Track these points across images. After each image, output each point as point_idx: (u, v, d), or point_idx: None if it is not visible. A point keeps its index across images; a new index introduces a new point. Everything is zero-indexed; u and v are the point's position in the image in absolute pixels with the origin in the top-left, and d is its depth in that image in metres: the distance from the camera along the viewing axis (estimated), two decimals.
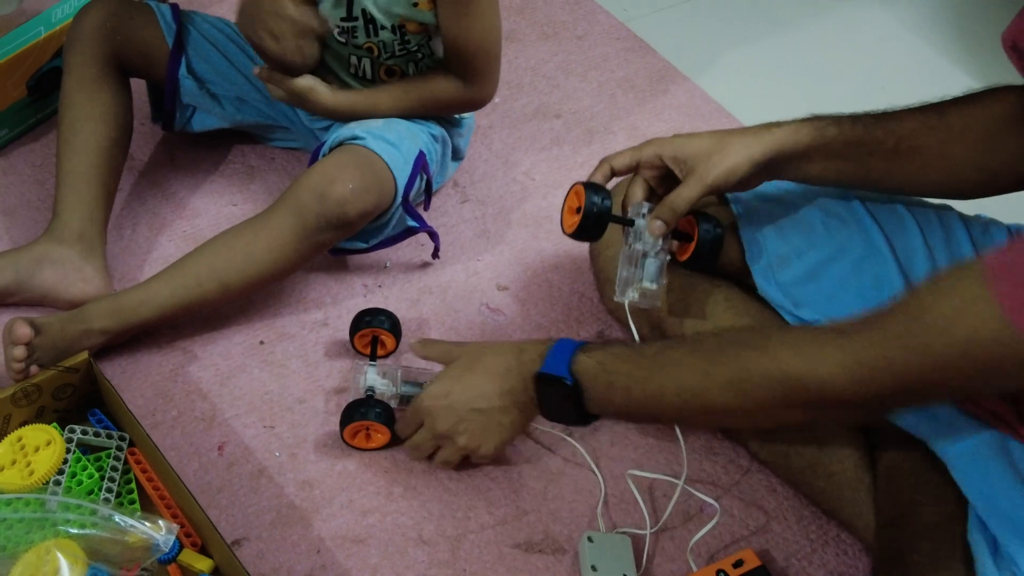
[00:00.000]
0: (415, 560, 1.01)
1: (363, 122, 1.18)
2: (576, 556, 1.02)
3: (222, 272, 1.11)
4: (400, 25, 1.14)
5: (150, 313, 1.11)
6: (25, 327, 1.02)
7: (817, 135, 0.89)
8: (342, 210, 1.09)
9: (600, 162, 1.01)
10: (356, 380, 1.08)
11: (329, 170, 1.10)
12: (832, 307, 0.96)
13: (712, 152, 0.92)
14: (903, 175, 0.88)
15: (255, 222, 1.13)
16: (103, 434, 1.03)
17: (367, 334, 1.15)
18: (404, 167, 1.16)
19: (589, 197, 0.97)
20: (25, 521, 0.92)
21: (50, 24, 1.34)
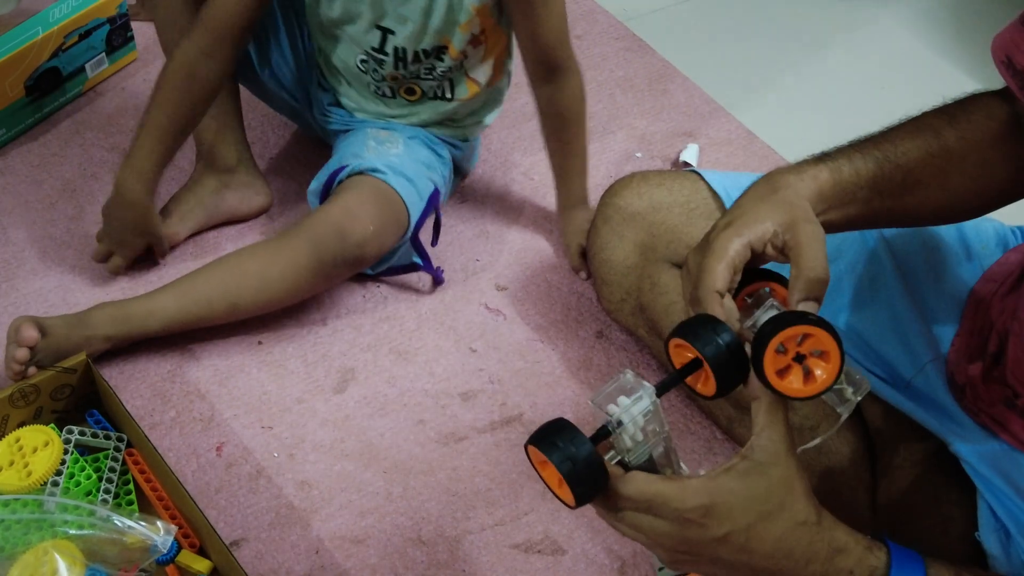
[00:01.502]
0: (414, 561, 1.01)
1: (383, 150, 1.19)
2: (576, 557, 1.02)
3: (233, 294, 1.12)
4: (441, 46, 1.14)
5: (156, 325, 1.12)
6: (33, 330, 1.02)
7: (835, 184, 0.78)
8: (361, 251, 1.12)
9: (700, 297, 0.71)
10: (608, 397, 0.66)
11: (351, 208, 1.11)
12: (828, 308, 0.96)
13: (790, 236, 0.75)
14: (905, 211, 0.83)
15: (271, 247, 1.13)
16: (101, 435, 1.03)
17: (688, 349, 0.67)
18: (419, 204, 1.18)
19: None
20: (23, 522, 0.92)
21: (48, 24, 1.34)
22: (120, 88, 1.47)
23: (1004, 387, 0.84)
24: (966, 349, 0.89)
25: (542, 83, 1.19)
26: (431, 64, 1.16)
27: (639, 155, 1.45)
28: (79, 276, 1.23)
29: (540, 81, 1.19)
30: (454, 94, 1.21)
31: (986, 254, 0.96)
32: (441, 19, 1.11)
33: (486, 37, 1.16)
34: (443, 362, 1.18)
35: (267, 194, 1.30)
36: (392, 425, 1.12)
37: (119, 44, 1.46)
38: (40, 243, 1.26)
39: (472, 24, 1.12)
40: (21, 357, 1.02)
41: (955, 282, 0.95)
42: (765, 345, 0.63)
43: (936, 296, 0.95)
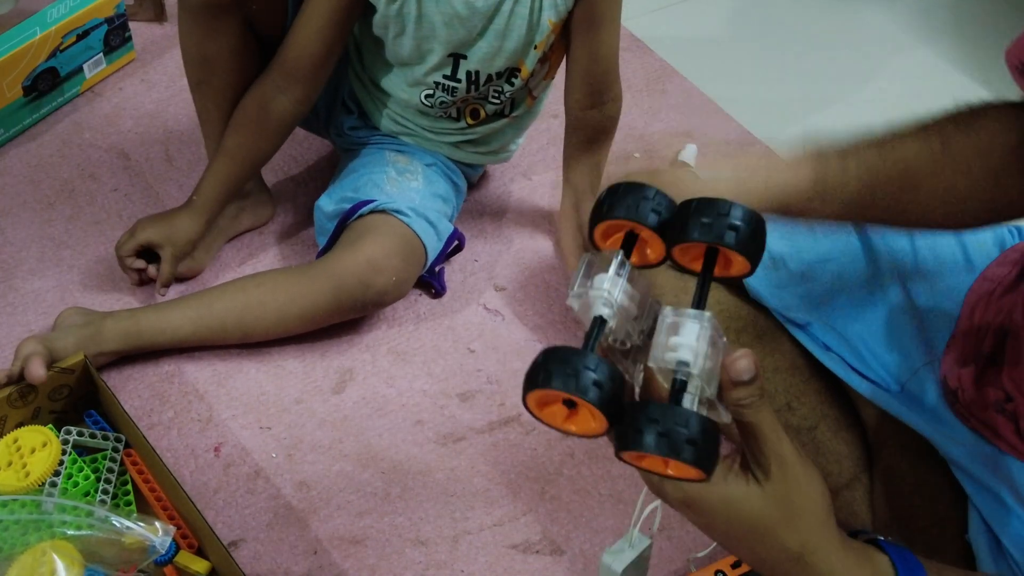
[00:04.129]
0: (412, 561, 1.01)
1: (404, 183, 1.19)
2: (574, 557, 1.02)
3: (249, 325, 1.14)
4: (514, 68, 1.13)
5: (166, 341, 1.13)
6: (41, 368, 0.99)
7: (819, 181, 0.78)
8: (381, 299, 1.14)
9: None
10: (581, 286, 0.56)
11: (377, 260, 1.11)
12: (824, 310, 0.96)
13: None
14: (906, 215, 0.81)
15: (292, 285, 1.13)
16: (99, 435, 1.03)
17: (620, 226, 0.59)
18: (437, 246, 1.19)
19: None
20: (21, 523, 0.92)
21: (45, 24, 1.34)
22: (118, 88, 1.46)
23: (997, 390, 0.84)
24: (960, 352, 0.89)
25: (588, 107, 1.18)
26: (500, 86, 1.15)
27: (637, 155, 1.45)
28: (77, 276, 1.23)
29: (587, 105, 1.18)
30: (512, 110, 1.21)
31: (983, 253, 0.96)
32: (519, 39, 1.10)
33: (552, 53, 1.16)
34: (441, 362, 1.18)
35: (272, 206, 1.31)
36: (390, 425, 1.12)
37: (117, 44, 1.46)
38: (38, 243, 1.26)
39: (547, 41, 1.11)
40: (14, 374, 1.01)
41: (951, 284, 0.95)
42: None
43: (931, 298, 0.95)
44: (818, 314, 0.96)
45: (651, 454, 0.51)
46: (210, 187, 1.16)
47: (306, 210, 1.32)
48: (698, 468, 0.51)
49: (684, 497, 0.57)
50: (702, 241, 0.55)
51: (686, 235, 0.56)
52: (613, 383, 0.51)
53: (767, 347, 0.99)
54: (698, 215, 0.56)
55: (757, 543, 0.58)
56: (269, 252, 1.28)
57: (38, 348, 1.02)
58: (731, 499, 0.56)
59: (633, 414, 0.52)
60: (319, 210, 1.20)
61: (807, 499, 0.57)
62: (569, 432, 0.54)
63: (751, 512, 0.57)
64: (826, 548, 0.59)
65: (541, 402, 0.53)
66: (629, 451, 0.52)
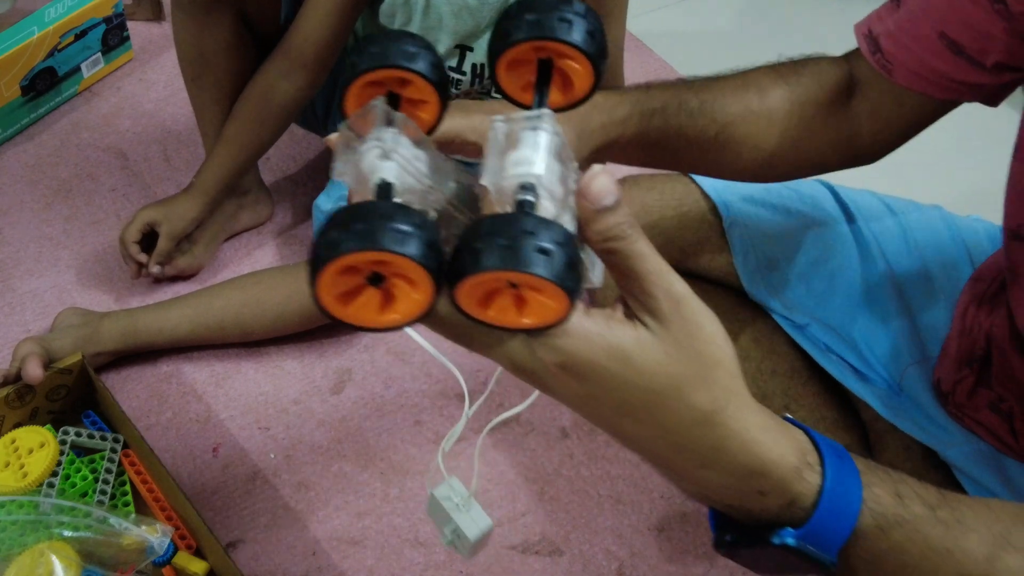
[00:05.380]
0: (411, 562, 1.01)
1: None
2: (573, 558, 1.02)
3: (248, 324, 1.14)
4: None
5: (164, 340, 1.13)
6: (38, 369, 0.99)
7: (642, 125, 0.78)
8: None
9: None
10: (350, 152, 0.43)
11: None
12: (822, 308, 0.96)
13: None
14: (714, 164, 0.82)
15: (290, 284, 1.14)
16: (97, 436, 1.02)
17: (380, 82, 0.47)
18: None
19: None
20: (19, 524, 0.92)
21: (43, 24, 1.34)
22: (116, 88, 1.46)
23: (990, 390, 0.84)
24: (956, 353, 0.89)
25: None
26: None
27: None
28: (75, 276, 1.22)
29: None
30: None
31: (979, 251, 0.95)
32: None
33: None
34: (440, 363, 1.18)
35: (271, 205, 1.31)
36: (389, 426, 1.12)
37: (115, 44, 1.46)
38: (36, 243, 1.26)
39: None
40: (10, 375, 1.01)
41: (947, 284, 0.95)
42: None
43: (926, 298, 0.95)
44: (817, 314, 0.96)
45: (493, 271, 0.37)
46: (210, 172, 1.16)
47: (304, 209, 1.32)
48: (557, 285, 0.38)
49: (562, 359, 0.43)
50: (533, 39, 0.44)
51: (512, 36, 0.44)
52: (429, 231, 0.38)
53: (764, 349, 0.99)
54: (525, 12, 0.44)
55: (658, 407, 0.45)
56: (268, 251, 1.28)
57: (35, 348, 1.02)
58: (622, 351, 0.43)
59: (465, 236, 0.39)
60: (317, 209, 1.20)
61: (713, 345, 0.45)
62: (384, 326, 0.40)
63: (647, 364, 0.43)
64: (740, 404, 0.46)
65: (344, 288, 0.39)
66: (464, 281, 0.38)
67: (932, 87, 0.75)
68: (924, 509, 0.49)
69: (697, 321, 0.44)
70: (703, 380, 0.44)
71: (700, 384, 0.44)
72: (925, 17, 0.74)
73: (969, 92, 0.75)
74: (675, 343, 0.44)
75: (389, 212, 0.37)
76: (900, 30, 0.75)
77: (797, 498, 0.47)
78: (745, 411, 0.46)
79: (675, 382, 0.44)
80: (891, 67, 0.76)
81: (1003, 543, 0.49)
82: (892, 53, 0.76)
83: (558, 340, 0.42)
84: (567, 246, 0.38)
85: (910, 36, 0.74)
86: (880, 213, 0.99)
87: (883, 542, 0.48)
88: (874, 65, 0.77)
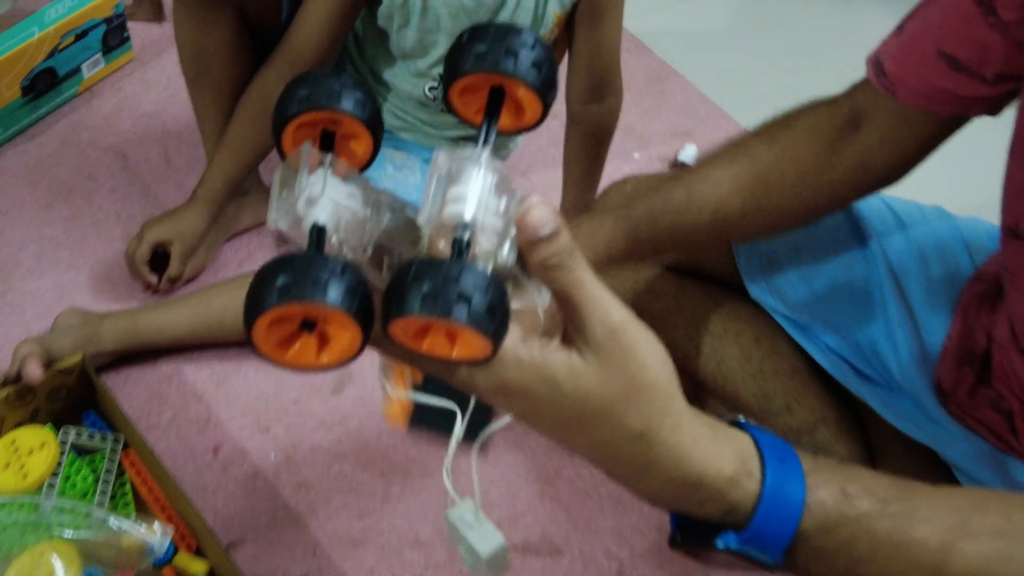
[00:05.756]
0: (411, 562, 1.01)
1: (401, 178, 1.19)
2: (574, 558, 1.02)
3: None
4: None
5: (164, 340, 1.13)
6: (38, 369, 0.99)
7: (629, 240, 0.83)
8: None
9: None
10: (283, 199, 0.44)
11: None
12: (825, 308, 0.96)
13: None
14: (720, 243, 0.87)
15: None
16: (97, 436, 1.02)
17: (312, 123, 0.47)
18: None
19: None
20: (19, 524, 0.92)
21: (43, 24, 1.34)
22: (116, 88, 1.46)
23: (991, 389, 0.84)
24: (956, 352, 0.89)
25: (589, 101, 1.18)
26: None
27: (637, 155, 1.45)
28: (75, 277, 1.22)
29: (588, 99, 1.18)
30: None
31: (980, 251, 0.95)
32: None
33: (555, 46, 1.16)
34: None
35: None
36: (389, 427, 1.11)
37: (115, 44, 1.46)
38: (36, 244, 1.26)
39: (551, 35, 1.12)
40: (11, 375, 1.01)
41: (947, 284, 0.95)
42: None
43: (926, 297, 0.95)
44: (818, 314, 0.96)
45: (417, 316, 0.40)
46: (214, 180, 1.16)
47: None
48: (479, 332, 0.40)
49: (497, 384, 0.45)
50: (480, 71, 0.44)
51: (460, 67, 0.45)
52: (349, 277, 0.40)
53: (765, 348, 0.99)
54: (475, 42, 0.45)
55: (590, 426, 0.47)
56: (267, 251, 1.28)
57: (36, 349, 1.02)
58: (551, 376, 0.45)
59: (396, 277, 0.41)
60: None
61: (646, 370, 0.47)
62: (324, 366, 0.43)
63: (577, 390, 0.46)
64: (674, 421, 0.48)
65: (280, 336, 0.41)
66: (394, 322, 0.41)
67: (935, 104, 0.77)
68: (873, 504, 0.49)
69: (631, 348, 0.46)
70: (634, 403, 0.46)
71: (631, 406, 0.46)
72: (924, 37, 0.76)
73: (972, 106, 0.76)
74: (606, 370, 0.46)
75: (310, 263, 0.40)
76: (902, 52, 0.77)
77: (736, 505, 0.48)
78: (680, 428, 0.48)
79: (606, 405, 0.46)
80: (895, 88, 0.78)
81: (959, 531, 0.49)
82: (895, 74, 0.78)
83: (494, 368, 0.45)
84: (489, 291, 0.40)
85: (912, 56, 0.76)
86: (881, 213, 0.99)
87: (828, 541, 0.49)
88: (879, 88, 0.79)
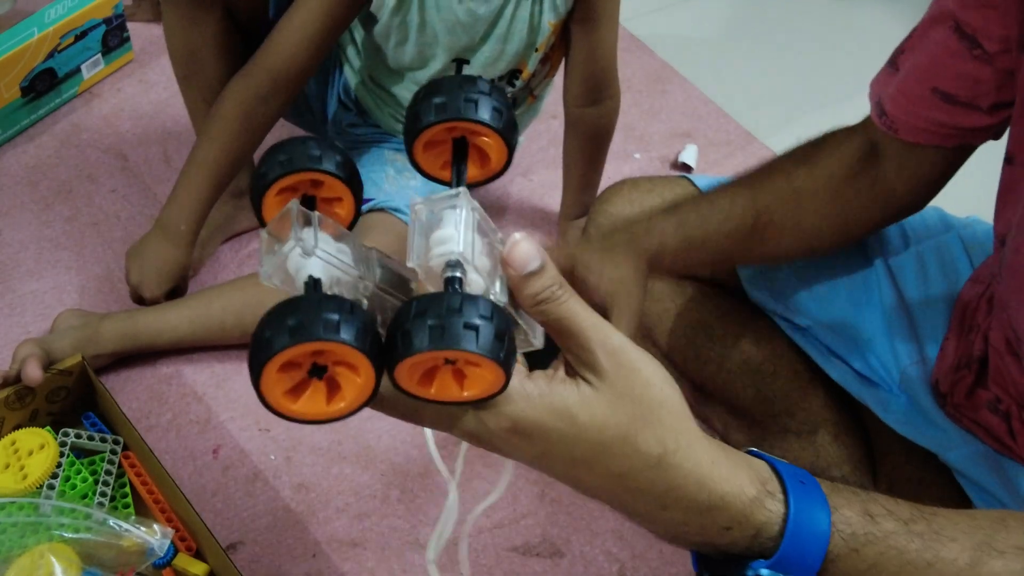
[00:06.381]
0: (412, 563, 1.01)
1: (403, 181, 1.19)
2: (574, 559, 1.02)
3: (248, 324, 1.12)
4: (516, 70, 1.14)
5: (164, 342, 1.12)
6: (38, 370, 0.99)
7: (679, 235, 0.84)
8: None
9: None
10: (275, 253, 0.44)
11: None
12: (823, 310, 0.96)
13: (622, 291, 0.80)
14: (760, 252, 0.88)
15: None
16: (97, 437, 1.02)
17: (293, 187, 0.47)
18: None
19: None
20: (19, 525, 0.92)
21: (43, 25, 1.34)
22: (116, 89, 1.46)
23: (988, 391, 0.84)
24: (954, 355, 0.89)
25: (587, 105, 1.18)
26: (501, 87, 1.16)
27: (637, 156, 1.45)
28: (75, 278, 1.22)
29: (586, 102, 1.18)
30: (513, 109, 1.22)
31: (978, 252, 0.95)
32: (520, 43, 1.10)
33: (553, 52, 1.16)
34: None
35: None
36: (389, 428, 1.11)
37: (115, 45, 1.46)
38: (36, 244, 1.26)
39: (548, 42, 1.12)
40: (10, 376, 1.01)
41: (946, 285, 0.95)
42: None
43: (925, 299, 0.95)
44: (818, 317, 0.95)
45: (426, 352, 0.39)
46: (195, 210, 1.12)
47: None
48: (491, 359, 0.39)
49: (510, 424, 0.44)
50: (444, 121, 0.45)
51: (422, 120, 0.45)
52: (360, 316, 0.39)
53: (766, 351, 0.98)
54: (433, 96, 0.45)
55: (609, 458, 0.45)
56: None
57: (35, 350, 1.02)
58: (566, 409, 0.44)
59: (397, 319, 0.40)
60: None
61: (653, 388, 0.45)
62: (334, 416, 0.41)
63: (592, 420, 0.44)
64: (689, 441, 0.46)
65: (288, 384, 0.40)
66: (401, 364, 0.40)
67: (938, 138, 0.78)
68: (897, 524, 0.49)
69: (635, 368, 0.45)
70: (648, 423, 0.45)
71: (645, 427, 0.45)
72: (917, 77, 0.77)
73: (974, 135, 0.77)
74: (616, 394, 0.45)
75: (318, 303, 0.39)
76: (899, 92, 0.78)
77: (761, 528, 0.47)
78: (695, 448, 0.46)
79: (621, 431, 0.45)
80: (896, 127, 0.79)
81: (987, 548, 0.49)
82: (895, 115, 0.79)
83: (504, 407, 0.43)
84: (494, 318, 0.39)
85: (908, 96, 0.77)
86: None
87: (858, 562, 0.48)
88: (882, 128, 0.80)
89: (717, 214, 0.84)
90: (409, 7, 1.07)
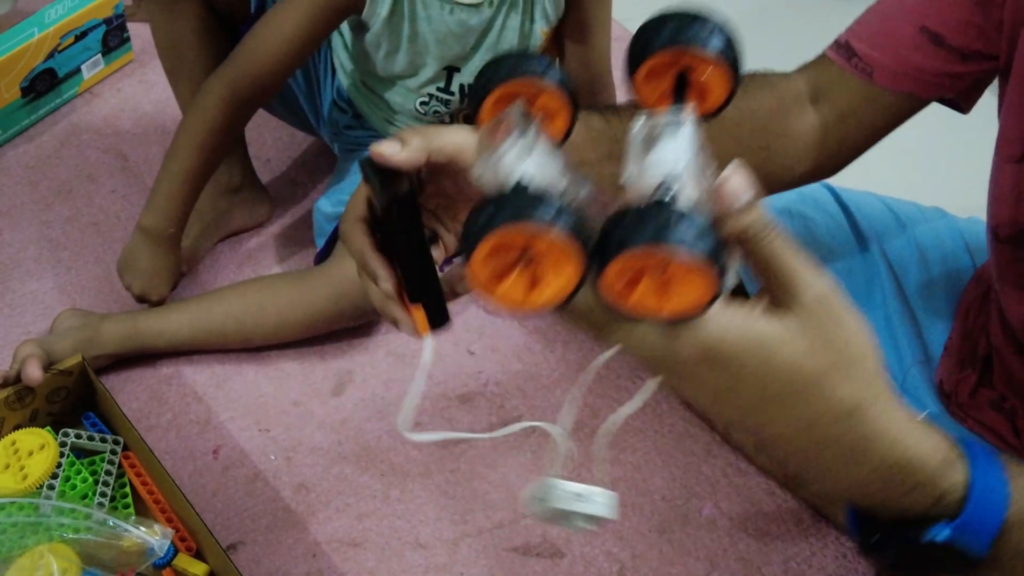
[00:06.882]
0: (412, 564, 1.01)
1: None
2: (574, 560, 1.02)
3: (249, 330, 1.13)
4: None
5: (164, 344, 1.12)
6: (38, 371, 0.99)
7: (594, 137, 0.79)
8: None
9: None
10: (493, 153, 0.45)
11: None
12: None
13: None
14: None
15: (292, 290, 1.13)
16: (97, 438, 1.02)
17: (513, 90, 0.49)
18: None
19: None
20: (19, 525, 0.92)
21: (43, 25, 1.34)
22: (116, 89, 1.46)
23: (992, 390, 0.84)
24: (958, 353, 0.89)
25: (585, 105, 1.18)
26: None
27: None
28: (75, 278, 1.22)
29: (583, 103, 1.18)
30: None
31: (980, 252, 0.95)
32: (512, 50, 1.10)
33: None
34: (441, 364, 1.18)
35: (270, 205, 1.30)
36: (390, 428, 1.11)
37: (115, 45, 1.46)
38: (36, 245, 1.26)
39: (541, 50, 1.12)
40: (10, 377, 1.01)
41: (949, 285, 0.95)
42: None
43: (928, 299, 0.95)
44: None
45: (646, 246, 0.37)
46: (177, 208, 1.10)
47: (305, 211, 1.32)
48: (710, 259, 0.37)
49: (702, 351, 0.42)
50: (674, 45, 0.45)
51: (650, 46, 0.45)
52: (580, 210, 0.39)
53: None
54: (663, 26, 0.46)
55: (800, 401, 0.43)
56: (268, 253, 1.28)
57: (35, 350, 1.02)
58: (765, 342, 0.42)
59: (613, 220, 0.39)
60: (318, 211, 1.20)
61: (857, 342, 0.44)
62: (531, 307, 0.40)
63: (792, 356, 0.42)
64: (885, 399, 0.45)
65: (495, 267, 0.40)
66: (615, 261, 0.38)
67: (916, 85, 0.76)
68: None
69: (841, 318, 0.43)
70: (846, 374, 0.44)
71: (844, 378, 0.44)
72: (903, 15, 0.75)
73: (951, 85, 0.75)
74: (819, 336, 0.43)
75: (533, 196, 0.39)
76: (877, 33, 0.76)
77: (947, 492, 0.47)
78: (890, 407, 0.45)
79: (818, 375, 0.43)
80: (871, 70, 0.77)
81: None
82: (871, 56, 0.77)
83: (699, 331, 0.41)
84: (714, 232, 0.38)
85: (889, 37, 0.75)
86: (881, 214, 0.99)
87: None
88: (851, 71, 0.77)
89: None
90: (401, 18, 1.07)
